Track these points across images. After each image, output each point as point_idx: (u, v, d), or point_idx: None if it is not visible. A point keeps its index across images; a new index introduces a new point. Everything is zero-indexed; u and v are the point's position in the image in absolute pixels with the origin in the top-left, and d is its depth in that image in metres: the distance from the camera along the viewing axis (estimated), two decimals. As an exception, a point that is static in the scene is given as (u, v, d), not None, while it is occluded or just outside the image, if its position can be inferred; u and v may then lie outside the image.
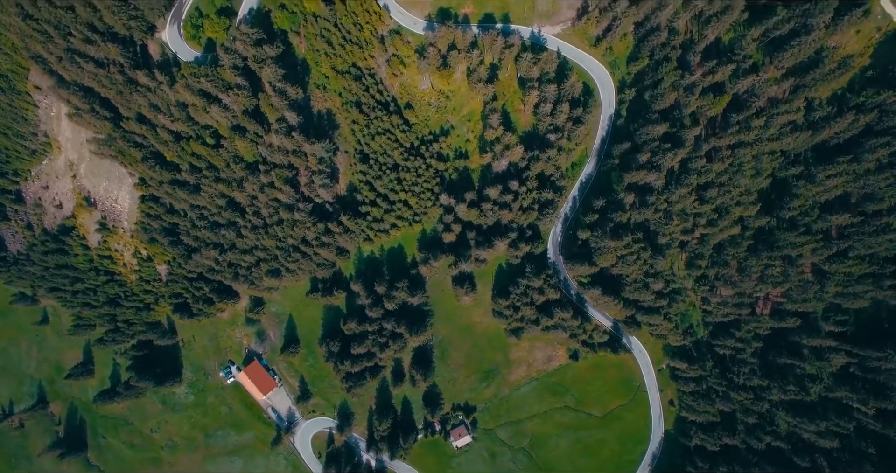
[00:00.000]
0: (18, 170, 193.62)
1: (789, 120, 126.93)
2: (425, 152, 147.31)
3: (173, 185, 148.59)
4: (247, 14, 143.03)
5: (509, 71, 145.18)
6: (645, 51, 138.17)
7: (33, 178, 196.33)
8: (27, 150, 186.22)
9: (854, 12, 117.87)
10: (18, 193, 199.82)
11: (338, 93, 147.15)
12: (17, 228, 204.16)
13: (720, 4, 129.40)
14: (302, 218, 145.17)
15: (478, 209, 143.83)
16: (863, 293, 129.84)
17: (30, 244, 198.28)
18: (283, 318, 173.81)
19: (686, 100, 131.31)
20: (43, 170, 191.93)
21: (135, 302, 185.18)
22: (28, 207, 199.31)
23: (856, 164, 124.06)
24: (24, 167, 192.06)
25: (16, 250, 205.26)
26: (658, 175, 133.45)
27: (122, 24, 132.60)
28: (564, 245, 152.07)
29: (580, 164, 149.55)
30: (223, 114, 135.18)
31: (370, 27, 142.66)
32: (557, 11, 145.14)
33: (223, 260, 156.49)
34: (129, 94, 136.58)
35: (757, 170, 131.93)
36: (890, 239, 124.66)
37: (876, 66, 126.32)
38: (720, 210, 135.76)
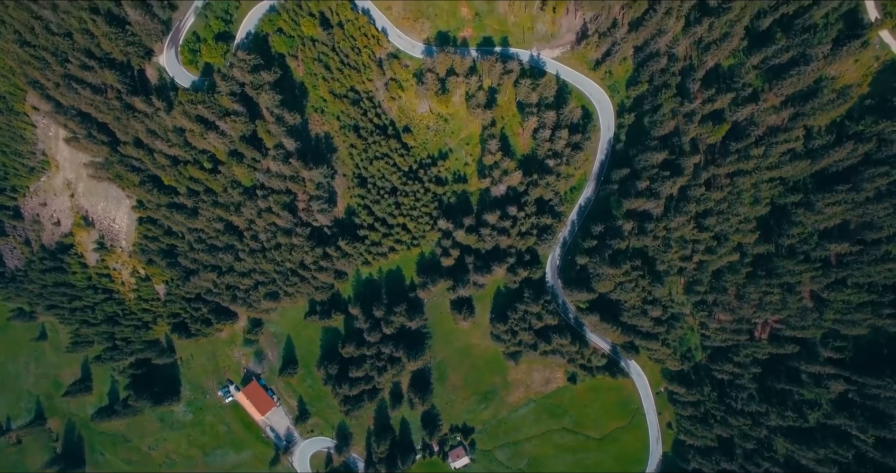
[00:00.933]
0: (16, 187, 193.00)
1: (788, 148, 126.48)
2: (423, 176, 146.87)
3: (171, 209, 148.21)
4: (244, 38, 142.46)
5: (508, 95, 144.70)
6: (644, 75, 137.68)
7: (31, 195, 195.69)
8: (25, 168, 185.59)
9: (852, 43, 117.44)
10: (16, 209, 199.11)
11: (336, 117, 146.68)
12: (14, 244, 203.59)
13: (720, 31, 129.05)
14: (300, 242, 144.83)
15: (476, 234, 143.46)
16: (861, 321, 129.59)
17: (28, 260, 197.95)
18: (282, 338, 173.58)
19: (685, 127, 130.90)
20: (41, 186, 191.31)
21: (133, 321, 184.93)
22: (26, 223, 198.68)
23: (855, 193, 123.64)
24: (22, 183, 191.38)
25: (14, 266, 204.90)
26: (657, 202, 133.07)
27: (119, 50, 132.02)
28: (563, 269, 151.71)
29: (579, 188, 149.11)
30: (220, 140, 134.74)
31: (368, 51, 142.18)
32: (557, 35, 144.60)
33: (221, 283, 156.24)
34: (126, 120, 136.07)
35: (756, 197, 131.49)
36: (889, 268, 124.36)
37: (874, 94, 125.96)
38: (719, 237, 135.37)
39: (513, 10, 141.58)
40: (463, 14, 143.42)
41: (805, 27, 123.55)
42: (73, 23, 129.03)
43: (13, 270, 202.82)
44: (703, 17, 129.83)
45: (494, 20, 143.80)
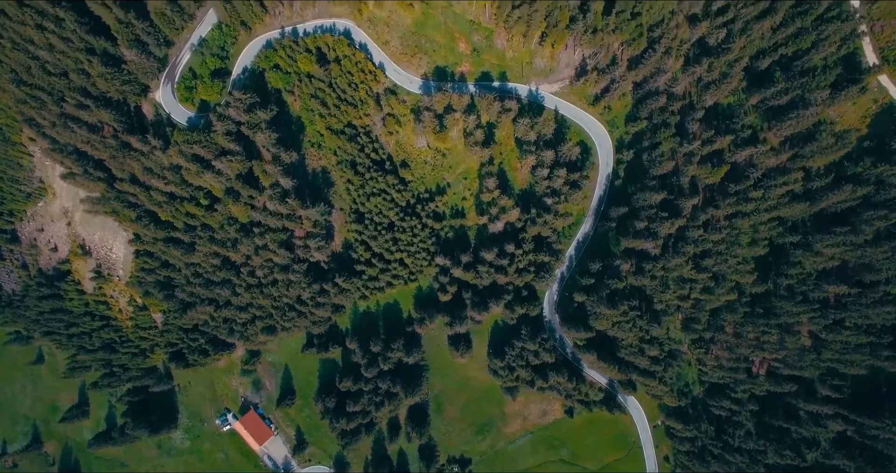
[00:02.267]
0: (13, 211, 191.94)
1: (787, 190, 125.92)
2: (421, 211, 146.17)
3: (167, 243, 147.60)
4: (240, 73, 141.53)
5: (506, 130, 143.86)
6: (643, 112, 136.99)
7: (28, 219, 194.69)
8: (22, 193, 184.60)
9: (851, 88, 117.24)
10: (13, 233, 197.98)
11: (333, 152, 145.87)
12: (12, 268, 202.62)
13: (719, 71, 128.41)
14: (297, 278, 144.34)
15: (474, 271, 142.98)
16: (860, 361, 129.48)
17: (25, 284, 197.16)
18: (280, 368, 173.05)
19: (684, 167, 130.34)
20: (38, 211, 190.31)
21: (130, 348, 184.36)
22: (23, 247, 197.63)
23: (853, 236, 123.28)
24: (19, 208, 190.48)
25: (10, 289, 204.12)
26: (655, 243, 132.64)
27: (115, 89, 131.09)
28: (560, 304, 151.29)
29: (577, 223, 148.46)
30: (217, 178, 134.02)
31: (365, 86, 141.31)
32: (555, 69, 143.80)
33: (218, 316, 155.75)
34: (122, 158, 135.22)
35: (754, 239, 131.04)
36: (888, 310, 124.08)
37: (873, 136, 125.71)
38: (717, 277, 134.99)
39: (511, 45, 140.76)
40: (461, 49, 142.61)
41: (804, 70, 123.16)
42: (70, 63, 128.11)
43: (10, 294, 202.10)
44: (703, 56, 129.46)
45: (493, 55, 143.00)
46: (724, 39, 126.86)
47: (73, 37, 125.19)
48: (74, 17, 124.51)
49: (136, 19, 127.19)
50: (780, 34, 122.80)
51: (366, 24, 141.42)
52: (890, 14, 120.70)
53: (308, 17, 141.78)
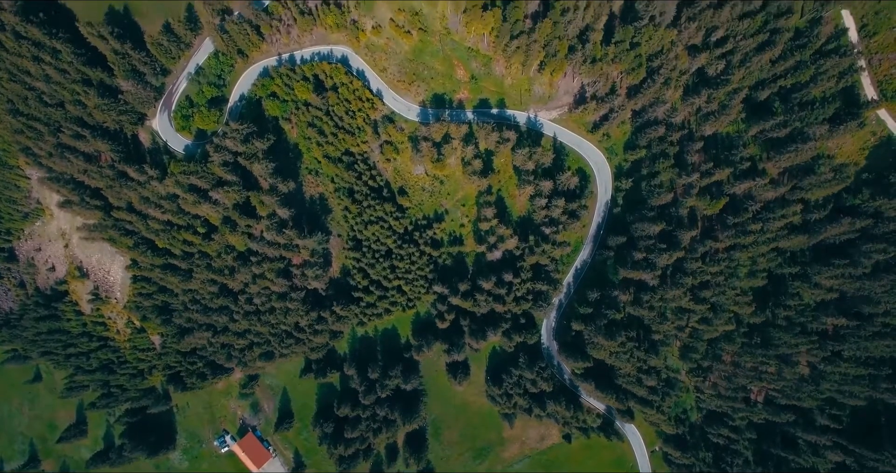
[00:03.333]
0: (11, 230, 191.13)
1: (786, 222, 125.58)
2: (419, 238, 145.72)
3: (165, 270, 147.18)
4: (238, 101, 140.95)
5: (505, 157, 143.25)
6: (642, 140, 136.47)
7: (26, 238, 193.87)
8: (19, 213, 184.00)
9: (849, 123, 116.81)
10: (11, 251, 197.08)
11: (330, 179, 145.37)
12: (9, 286, 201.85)
13: (718, 103, 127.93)
14: (295, 306, 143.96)
15: (472, 299, 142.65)
16: (859, 393, 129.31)
17: (22, 303, 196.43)
18: (278, 391, 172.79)
19: (683, 199, 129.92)
20: (35, 230, 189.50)
21: (128, 369, 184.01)
22: (21, 266, 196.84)
23: (852, 268, 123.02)
24: (17, 226, 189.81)
25: (8, 308, 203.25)
26: (653, 274, 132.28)
27: (112, 119, 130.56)
28: (558, 331, 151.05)
29: (576, 250, 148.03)
30: (214, 208, 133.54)
31: (363, 114, 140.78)
32: (554, 96, 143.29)
33: (216, 342, 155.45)
34: (118, 188, 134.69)
35: (752, 270, 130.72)
36: (886, 344, 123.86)
37: (871, 168, 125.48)
38: (715, 308, 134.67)
39: (510, 72, 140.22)
40: (459, 76, 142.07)
41: (803, 102, 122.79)
42: (66, 94, 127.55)
43: (7, 313, 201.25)
44: (702, 87, 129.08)
45: (491, 82, 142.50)
46: (724, 71, 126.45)
47: (69, 68, 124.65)
48: (71, 49, 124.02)
49: (132, 50, 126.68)
50: (779, 66, 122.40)
51: (363, 51, 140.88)
52: (888, 47, 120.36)
53: (305, 44, 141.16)
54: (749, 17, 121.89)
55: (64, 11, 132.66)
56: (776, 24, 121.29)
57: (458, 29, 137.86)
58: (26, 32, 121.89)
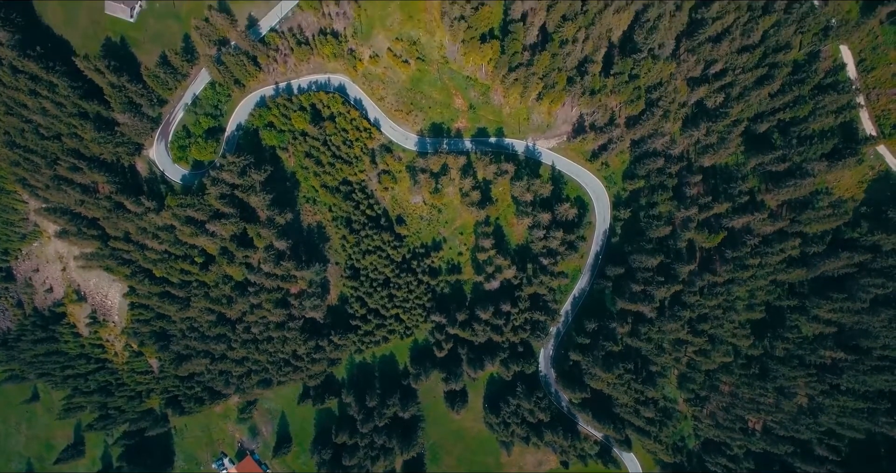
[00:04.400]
0: (8, 249, 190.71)
1: (785, 257, 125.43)
2: (417, 267, 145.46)
3: (162, 298, 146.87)
4: (235, 130, 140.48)
5: (503, 186, 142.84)
6: (641, 170, 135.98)
7: (24, 258, 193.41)
8: (17, 234, 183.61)
9: (848, 160, 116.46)
10: (9, 271, 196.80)
11: (328, 208, 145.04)
12: (6, 305, 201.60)
13: (717, 136, 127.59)
14: (293, 335, 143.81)
15: (470, 329, 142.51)
16: (857, 425, 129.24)
17: (20, 323, 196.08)
18: (276, 415, 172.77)
19: (681, 232, 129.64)
20: (33, 251, 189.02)
21: (126, 392, 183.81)
22: (18, 286, 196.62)
23: (850, 302, 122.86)
24: (14, 247, 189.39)
25: (5, 327, 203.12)
26: (650, 306, 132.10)
27: (108, 152, 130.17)
28: (556, 359, 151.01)
29: (574, 279, 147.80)
30: (211, 240, 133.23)
31: (360, 144, 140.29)
32: (553, 125, 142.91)
33: (214, 369, 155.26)
34: (115, 219, 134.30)
35: (750, 304, 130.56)
36: (885, 378, 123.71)
37: (870, 201, 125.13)
38: (713, 339, 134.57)
39: (508, 101, 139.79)
40: (457, 105, 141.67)
41: (801, 137, 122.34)
42: (63, 128, 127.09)
43: (5, 332, 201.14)
44: (701, 119, 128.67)
45: (489, 111, 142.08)
46: (723, 103, 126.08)
47: (65, 101, 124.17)
48: (67, 82, 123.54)
49: (128, 82, 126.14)
50: (778, 101, 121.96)
51: (361, 79, 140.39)
52: (885, 83, 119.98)
53: (303, 73, 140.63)
54: (748, 52, 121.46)
55: (61, 43, 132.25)
56: (775, 59, 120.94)
57: (456, 58, 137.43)
58: (23, 66, 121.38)
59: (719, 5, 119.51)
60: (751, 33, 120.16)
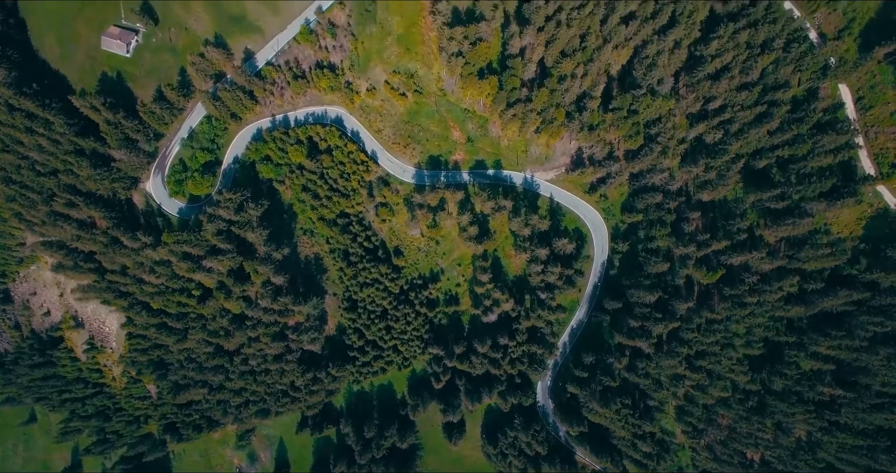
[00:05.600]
0: (6, 272, 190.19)
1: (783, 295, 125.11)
2: (414, 299, 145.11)
3: (160, 330, 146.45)
4: (231, 163, 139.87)
5: (501, 218, 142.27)
6: (640, 204, 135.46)
7: (21, 280, 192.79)
8: (14, 258, 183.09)
9: (847, 200, 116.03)
10: (6, 293, 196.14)
11: (325, 240, 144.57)
12: (4, 328, 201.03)
13: (716, 173, 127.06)
14: (290, 368, 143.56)
15: (468, 361, 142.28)
16: (857, 462, 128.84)
17: (17, 345, 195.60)
18: (275, 441, 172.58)
19: (680, 269, 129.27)
20: (31, 274, 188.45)
21: (124, 416, 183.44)
22: (16, 308, 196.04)
23: (849, 340, 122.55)
24: (12, 269, 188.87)
25: (2, 349, 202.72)
26: (648, 342, 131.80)
27: (105, 188, 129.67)
28: (554, 389, 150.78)
29: (572, 310, 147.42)
30: (208, 275, 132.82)
31: (357, 177, 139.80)
32: (551, 157, 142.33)
33: (212, 399, 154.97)
34: (112, 254, 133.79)
35: (749, 341, 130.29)
36: (885, 416, 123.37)
37: (868, 238, 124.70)
38: (711, 374, 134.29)
39: (506, 133, 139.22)
40: (455, 137, 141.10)
41: (800, 175, 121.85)
42: (59, 164, 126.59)
43: (2, 354, 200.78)
44: (700, 154, 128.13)
45: (487, 143, 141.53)
46: (722, 140, 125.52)
47: (61, 139, 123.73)
48: (63, 120, 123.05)
49: (124, 119, 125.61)
50: (777, 138, 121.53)
51: (358, 112, 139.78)
52: (883, 121, 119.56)
53: (299, 105, 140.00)
54: (747, 89, 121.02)
55: (58, 78, 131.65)
56: (773, 96, 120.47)
57: (453, 90, 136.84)
58: (19, 104, 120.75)
59: (718, 43, 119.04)
60: (750, 71, 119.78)
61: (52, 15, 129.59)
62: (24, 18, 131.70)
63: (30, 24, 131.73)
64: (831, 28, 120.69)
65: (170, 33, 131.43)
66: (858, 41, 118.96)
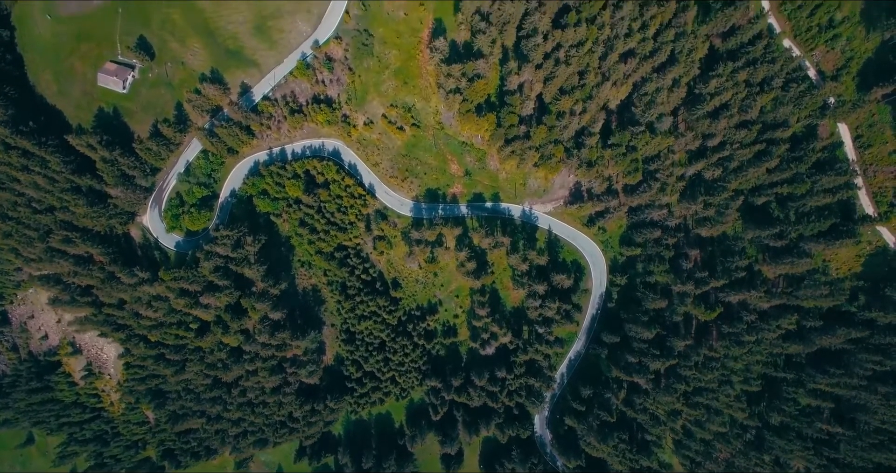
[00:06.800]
0: (3, 294, 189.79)
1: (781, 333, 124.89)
2: (412, 331, 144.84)
3: (158, 361, 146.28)
4: (228, 196, 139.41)
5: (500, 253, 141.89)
6: (638, 237, 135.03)
7: (19, 302, 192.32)
8: (12, 282, 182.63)
9: (845, 240, 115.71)
10: (4, 314, 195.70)
11: (323, 272, 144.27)
12: (1, 349, 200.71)
13: (715, 210, 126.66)
14: (288, 400, 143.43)
15: (465, 394, 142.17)
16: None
17: (14, 367, 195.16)
18: (273, 467, 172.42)
19: (678, 306, 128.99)
20: (28, 297, 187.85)
21: (122, 441, 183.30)
22: (13, 330, 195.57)
23: (848, 378, 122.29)
24: (9, 292, 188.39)
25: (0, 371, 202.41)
26: (646, 378, 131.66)
27: (101, 225, 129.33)
28: (552, 420, 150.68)
29: (570, 342, 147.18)
30: (205, 311, 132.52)
31: (355, 210, 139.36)
32: (549, 190, 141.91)
33: (210, 429, 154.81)
34: (109, 289, 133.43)
35: (746, 378, 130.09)
36: (885, 455, 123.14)
37: (867, 276, 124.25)
38: (709, 409, 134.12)
39: (504, 166, 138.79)
40: (453, 171, 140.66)
41: (799, 214, 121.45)
42: (55, 202, 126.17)
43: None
44: (699, 189, 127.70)
45: (485, 176, 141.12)
46: (720, 177, 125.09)
47: (58, 177, 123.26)
48: (60, 158, 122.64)
49: (121, 156, 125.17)
50: (776, 176, 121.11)
51: (355, 145, 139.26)
52: (882, 160, 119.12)
53: (297, 138, 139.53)
54: (746, 128, 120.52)
55: (54, 113, 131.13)
56: (773, 135, 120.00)
57: (451, 123, 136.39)
58: (16, 143, 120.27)
59: (717, 81, 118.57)
60: (749, 109, 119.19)
61: (49, 51, 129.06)
62: (22, 54, 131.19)
63: (27, 59, 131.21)
64: (830, 66, 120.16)
65: (166, 68, 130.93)
66: (857, 80, 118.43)
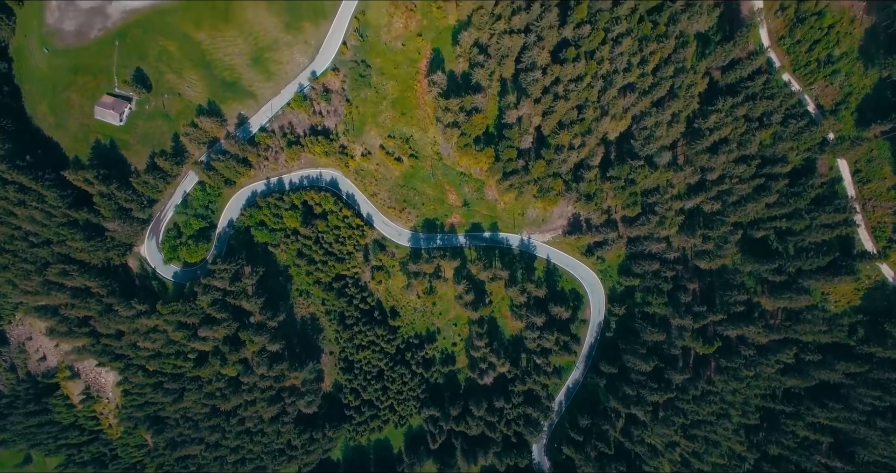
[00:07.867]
0: (1, 315, 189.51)
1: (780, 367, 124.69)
2: (411, 359, 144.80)
3: (156, 390, 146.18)
4: (226, 227, 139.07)
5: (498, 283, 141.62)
6: (637, 269, 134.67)
7: (17, 323, 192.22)
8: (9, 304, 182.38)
9: (844, 277, 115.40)
10: (2, 334, 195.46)
11: (321, 301, 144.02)
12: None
13: (714, 244, 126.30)
14: (287, 430, 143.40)
15: (464, 423, 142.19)
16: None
17: (12, 387, 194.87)
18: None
19: (676, 340, 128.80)
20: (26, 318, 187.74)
21: (121, 464, 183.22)
22: (12, 351, 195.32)
23: (847, 412, 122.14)
24: (7, 312, 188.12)
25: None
26: (644, 410, 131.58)
27: (98, 258, 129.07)
28: (550, 448, 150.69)
29: (567, 370, 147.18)
30: (203, 343, 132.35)
31: (353, 241, 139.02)
32: (548, 220, 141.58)
33: (209, 456, 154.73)
34: (106, 321, 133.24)
35: (745, 411, 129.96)
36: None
37: (866, 310, 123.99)
38: (708, 441, 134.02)
39: (503, 197, 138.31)
40: (451, 200, 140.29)
41: (798, 248, 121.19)
42: (52, 235, 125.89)
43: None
44: (698, 222, 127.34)
45: (484, 206, 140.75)
46: (719, 211, 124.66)
47: (55, 211, 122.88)
48: (57, 193, 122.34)
49: (117, 190, 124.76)
50: (775, 211, 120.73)
51: (353, 175, 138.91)
52: (881, 196, 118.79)
53: (294, 168, 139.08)
54: (745, 163, 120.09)
55: (51, 145, 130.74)
56: (772, 170, 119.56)
57: (449, 154, 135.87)
58: (12, 178, 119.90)
59: (717, 117, 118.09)
60: (748, 144, 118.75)
61: (46, 83, 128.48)
62: (19, 86, 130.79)
63: (24, 91, 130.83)
64: (829, 101, 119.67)
65: (163, 100, 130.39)
66: (855, 115, 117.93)
